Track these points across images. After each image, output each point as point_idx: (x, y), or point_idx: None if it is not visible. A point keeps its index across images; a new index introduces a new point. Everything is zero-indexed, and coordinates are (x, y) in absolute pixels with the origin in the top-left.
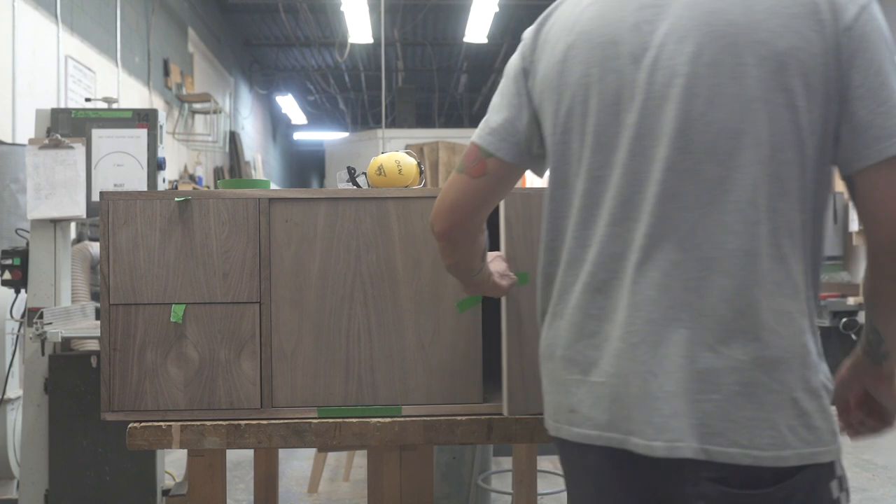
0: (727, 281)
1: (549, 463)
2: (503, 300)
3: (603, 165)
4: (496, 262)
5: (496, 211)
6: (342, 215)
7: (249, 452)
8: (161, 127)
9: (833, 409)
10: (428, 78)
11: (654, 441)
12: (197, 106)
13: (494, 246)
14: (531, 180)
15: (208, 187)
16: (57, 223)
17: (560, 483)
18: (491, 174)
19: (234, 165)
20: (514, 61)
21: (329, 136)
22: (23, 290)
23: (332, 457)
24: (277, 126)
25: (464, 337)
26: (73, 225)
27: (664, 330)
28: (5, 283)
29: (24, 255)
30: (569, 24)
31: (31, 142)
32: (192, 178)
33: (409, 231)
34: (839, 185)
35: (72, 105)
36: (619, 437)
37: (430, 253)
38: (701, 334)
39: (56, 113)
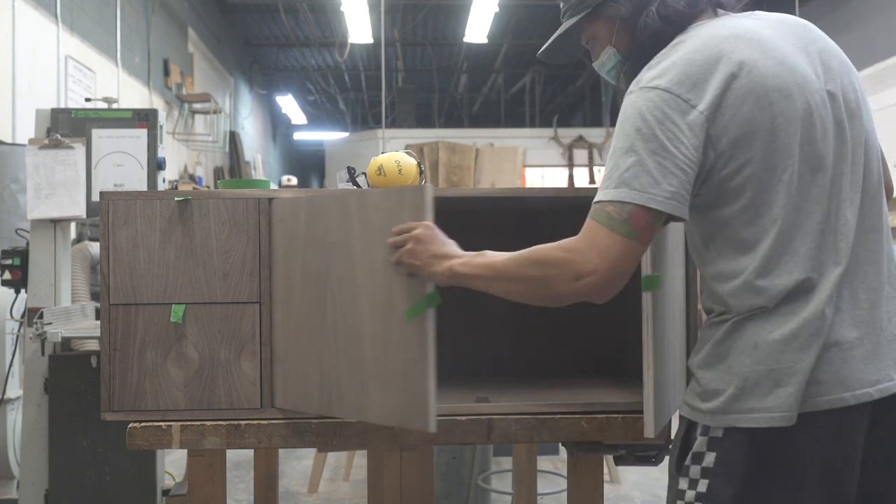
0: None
1: (548, 463)
2: (648, 306)
3: (837, 189)
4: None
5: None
6: (317, 214)
7: (249, 452)
8: (161, 127)
9: None
10: (428, 78)
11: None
12: (197, 106)
13: None
14: (530, 181)
15: (208, 187)
16: (57, 223)
17: (560, 483)
18: (655, 233)
19: (234, 165)
20: (675, 110)
21: (329, 136)
22: (23, 290)
23: (332, 457)
24: (277, 126)
25: (410, 351)
26: (73, 225)
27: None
28: (5, 283)
29: (24, 255)
30: (744, 73)
31: (31, 142)
32: (192, 178)
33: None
34: None
35: (72, 105)
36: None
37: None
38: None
39: (56, 113)
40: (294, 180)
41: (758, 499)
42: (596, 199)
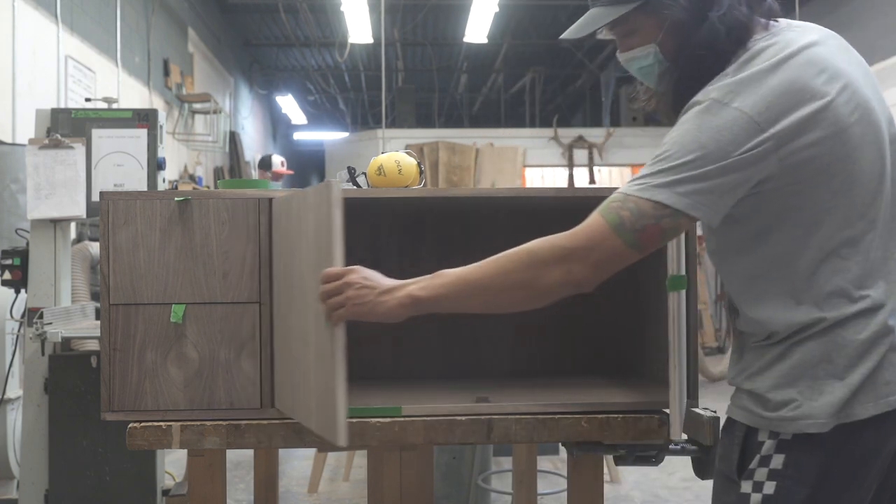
0: None
1: (548, 463)
2: (674, 308)
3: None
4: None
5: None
6: (287, 214)
7: (249, 452)
8: (161, 127)
9: None
10: (428, 78)
11: None
12: (197, 106)
13: None
14: (530, 181)
15: (208, 187)
16: (57, 223)
17: (560, 483)
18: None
19: (234, 165)
20: (747, 135)
21: (329, 136)
22: (23, 290)
23: (332, 457)
24: (277, 126)
25: (328, 358)
26: (73, 225)
27: None
28: (5, 283)
29: (24, 255)
30: (816, 97)
31: (31, 142)
32: (192, 178)
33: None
34: None
35: (72, 105)
36: None
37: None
38: None
39: (56, 113)
40: (286, 164)
41: (828, 498)
42: (629, 191)
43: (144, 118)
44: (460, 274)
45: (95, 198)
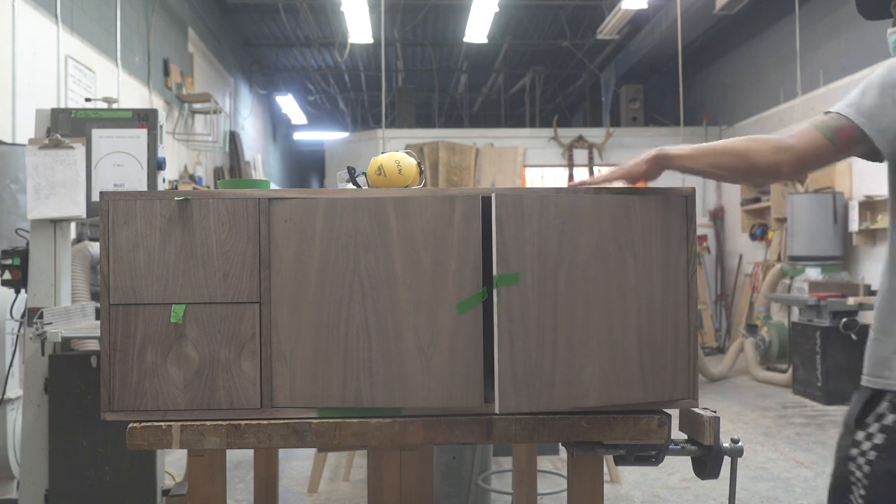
0: None
1: (548, 463)
2: (495, 301)
3: None
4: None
5: (487, 211)
6: (340, 215)
7: (249, 452)
8: (161, 127)
9: None
10: (428, 78)
11: None
12: (197, 106)
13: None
14: (530, 181)
15: (208, 187)
16: (57, 223)
17: (560, 483)
18: (850, 151)
19: (234, 165)
20: None
21: (329, 136)
22: (23, 290)
23: (332, 457)
24: (277, 126)
25: (463, 340)
26: (73, 225)
27: None
28: (5, 283)
29: (24, 255)
30: None
31: (31, 142)
32: (192, 178)
33: (407, 231)
34: (839, 185)
35: (72, 105)
36: None
37: (428, 253)
38: None
39: (56, 113)
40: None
41: None
42: (827, 110)
43: (144, 118)
44: (702, 143)
45: (95, 198)
